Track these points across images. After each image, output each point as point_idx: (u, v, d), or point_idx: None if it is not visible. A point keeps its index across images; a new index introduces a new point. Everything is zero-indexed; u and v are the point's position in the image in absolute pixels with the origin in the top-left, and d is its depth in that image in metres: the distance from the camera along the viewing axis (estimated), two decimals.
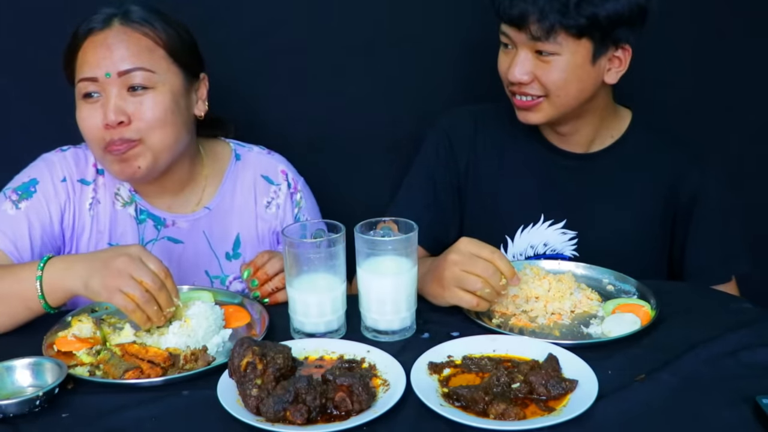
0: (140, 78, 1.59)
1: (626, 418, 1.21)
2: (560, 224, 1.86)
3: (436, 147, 1.92)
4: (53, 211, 1.69)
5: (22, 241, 1.64)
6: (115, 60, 1.58)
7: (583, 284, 1.65)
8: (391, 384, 1.29)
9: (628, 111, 1.88)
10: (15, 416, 1.23)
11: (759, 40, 2.27)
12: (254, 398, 1.21)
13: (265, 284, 1.63)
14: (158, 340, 1.43)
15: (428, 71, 2.27)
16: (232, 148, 1.87)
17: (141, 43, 1.61)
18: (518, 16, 1.64)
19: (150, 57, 1.61)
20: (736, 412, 1.21)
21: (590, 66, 1.69)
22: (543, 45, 1.65)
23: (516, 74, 1.70)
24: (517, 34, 1.68)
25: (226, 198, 1.82)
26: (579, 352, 1.36)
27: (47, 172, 1.71)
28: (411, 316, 1.49)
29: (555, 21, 1.61)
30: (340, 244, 1.46)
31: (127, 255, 1.42)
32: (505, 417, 1.19)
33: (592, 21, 1.62)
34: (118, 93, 1.59)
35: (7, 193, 1.69)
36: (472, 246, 1.49)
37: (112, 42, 1.60)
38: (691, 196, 1.82)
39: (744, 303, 1.63)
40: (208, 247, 1.80)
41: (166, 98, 1.62)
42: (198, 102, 1.73)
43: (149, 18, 1.64)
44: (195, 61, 1.72)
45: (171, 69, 1.65)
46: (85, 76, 1.60)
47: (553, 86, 1.69)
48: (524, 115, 1.77)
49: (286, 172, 1.87)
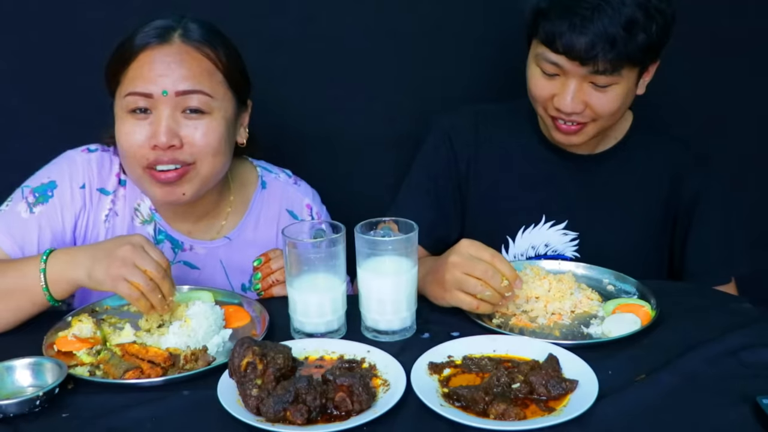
0: (197, 101, 1.54)
1: (626, 418, 1.21)
2: (561, 225, 1.85)
3: (437, 146, 1.91)
4: (67, 219, 1.65)
5: (30, 246, 1.61)
6: (175, 79, 1.52)
7: (583, 284, 1.65)
8: (391, 384, 1.29)
9: (629, 112, 1.88)
10: (15, 416, 1.23)
11: (759, 39, 2.27)
12: (254, 398, 1.21)
13: (267, 277, 1.63)
14: (158, 340, 1.43)
15: (429, 70, 2.27)
16: (258, 175, 1.82)
17: (202, 65, 1.55)
18: (584, 51, 1.57)
19: (210, 81, 1.56)
20: (736, 412, 1.21)
21: (635, 87, 1.69)
22: (603, 78, 1.61)
23: (569, 106, 1.65)
24: (577, 68, 1.61)
25: (248, 229, 1.78)
26: (579, 352, 1.36)
27: (67, 176, 1.66)
28: (411, 316, 1.49)
29: (623, 55, 1.57)
30: (341, 244, 1.46)
31: (130, 244, 1.40)
32: (505, 417, 1.19)
33: (649, 47, 1.60)
34: (171, 114, 1.53)
35: (25, 192, 1.65)
36: (472, 248, 1.48)
37: (172, 60, 1.53)
38: (692, 197, 1.82)
39: (744, 303, 1.63)
40: (224, 276, 1.77)
41: (221, 125, 1.57)
42: (240, 129, 1.69)
43: (210, 39, 1.58)
44: (246, 87, 1.67)
45: (227, 95, 1.59)
46: (137, 91, 1.52)
47: (607, 114, 1.67)
48: (566, 138, 1.73)
49: (311, 206, 1.84)
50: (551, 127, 1.75)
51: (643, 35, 1.58)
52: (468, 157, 1.89)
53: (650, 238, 1.86)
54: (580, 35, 1.57)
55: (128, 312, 1.58)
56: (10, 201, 1.65)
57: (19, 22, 2.07)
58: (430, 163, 1.92)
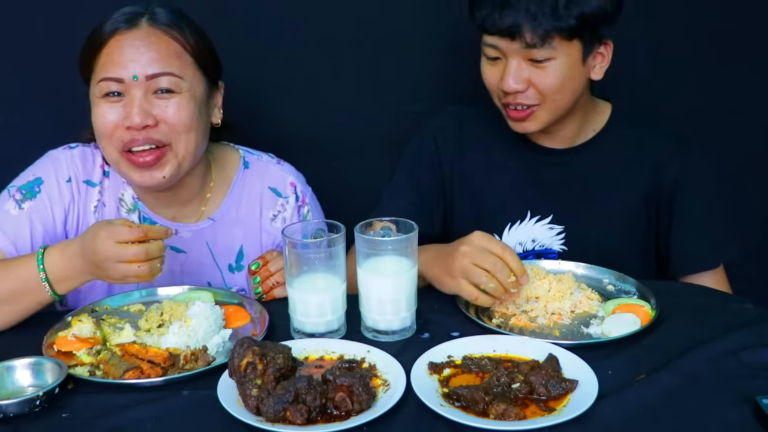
0: (167, 83, 1.57)
1: (626, 418, 1.21)
2: (547, 220, 1.87)
3: (420, 147, 1.94)
4: (57, 213, 1.68)
5: (23, 242, 1.63)
6: (144, 63, 1.55)
7: (583, 284, 1.65)
8: (391, 384, 1.29)
9: (607, 104, 1.89)
10: (15, 416, 1.23)
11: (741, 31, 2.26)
12: (254, 398, 1.21)
13: (266, 280, 1.63)
14: (158, 340, 1.44)
15: (428, 70, 2.27)
16: (240, 155, 1.84)
17: (170, 47, 1.59)
18: (510, 26, 1.63)
19: (179, 62, 1.59)
20: (736, 412, 1.21)
21: (581, 66, 1.70)
22: (538, 52, 1.65)
23: (511, 84, 1.69)
24: (509, 44, 1.66)
25: (231, 209, 1.79)
26: (579, 352, 1.36)
27: (52, 172, 1.69)
28: (411, 316, 1.49)
29: (549, 26, 1.61)
30: (340, 244, 1.46)
31: (105, 257, 1.42)
32: (505, 417, 1.19)
33: (581, 20, 1.63)
34: (143, 96, 1.56)
35: (12, 191, 1.67)
36: (484, 240, 1.50)
37: (141, 43, 1.56)
38: (672, 183, 1.82)
39: (745, 303, 1.63)
40: (211, 258, 1.78)
41: (191, 103, 1.60)
42: (215, 110, 1.71)
43: (178, 21, 1.61)
44: (216, 68, 1.70)
45: (196, 75, 1.62)
46: (109, 76, 1.56)
47: (550, 91, 1.69)
48: (520, 125, 1.77)
49: (294, 184, 1.84)
50: (506, 117, 1.78)
51: (570, 7, 1.61)
52: (452, 157, 1.91)
53: (634, 228, 1.86)
54: (503, 11, 1.63)
55: (128, 312, 1.58)
56: None
57: (18, 23, 2.08)
58: (413, 164, 1.94)
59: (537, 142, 1.87)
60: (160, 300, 1.60)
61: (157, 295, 1.63)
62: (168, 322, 1.48)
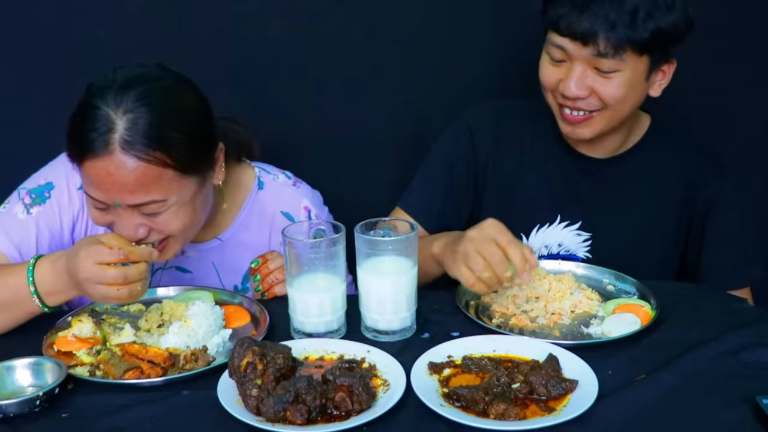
0: (151, 208, 1.47)
1: (626, 418, 1.21)
2: (576, 226, 1.85)
3: (457, 137, 1.90)
4: (65, 220, 1.65)
5: (28, 247, 1.61)
6: (123, 194, 1.44)
7: (583, 284, 1.66)
8: (391, 384, 1.29)
9: (647, 116, 1.87)
10: (15, 416, 1.23)
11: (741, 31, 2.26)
12: (254, 398, 1.21)
13: (267, 277, 1.63)
14: (158, 340, 1.44)
15: (429, 70, 2.27)
16: (256, 175, 1.78)
17: (149, 173, 1.43)
18: (586, 31, 1.59)
19: (158, 186, 1.45)
20: (736, 412, 1.21)
21: (644, 81, 1.67)
22: (606, 62, 1.61)
23: (573, 90, 1.65)
24: (579, 49, 1.62)
25: (241, 230, 1.75)
26: (579, 352, 1.36)
27: (64, 177, 1.65)
28: (411, 316, 1.49)
29: (623, 36, 1.57)
30: (341, 244, 1.46)
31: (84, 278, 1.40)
32: (505, 417, 1.19)
33: (655, 35, 1.59)
34: (131, 214, 1.48)
35: (22, 193, 1.64)
36: (493, 229, 1.49)
37: (117, 174, 1.42)
38: (706, 204, 1.81)
39: (744, 303, 1.63)
40: (216, 278, 1.76)
41: (182, 210, 1.51)
42: (215, 174, 1.60)
43: (154, 135, 1.42)
44: (209, 152, 1.55)
45: (183, 183, 1.49)
46: (92, 195, 1.48)
47: (612, 101, 1.66)
48: (572, 130, 1.73)
49: (309, 208, 1.78)
50: (558, 118, 1.75)
51: (647, 21, 1.58)
52: (488, 152, 1.88)
53: (663, 242, 1.85)
54: (581, 14, 1.59)
55: (128, 312, 1.58)
56: (7, 203, 1.65)
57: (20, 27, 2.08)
58: (448, 151, 1.90)
59: (575, 148, 1.83)
60: (160, 300, 1.59)
61: (157, 295, 1.63)
62: (168, 322, 1.48)
